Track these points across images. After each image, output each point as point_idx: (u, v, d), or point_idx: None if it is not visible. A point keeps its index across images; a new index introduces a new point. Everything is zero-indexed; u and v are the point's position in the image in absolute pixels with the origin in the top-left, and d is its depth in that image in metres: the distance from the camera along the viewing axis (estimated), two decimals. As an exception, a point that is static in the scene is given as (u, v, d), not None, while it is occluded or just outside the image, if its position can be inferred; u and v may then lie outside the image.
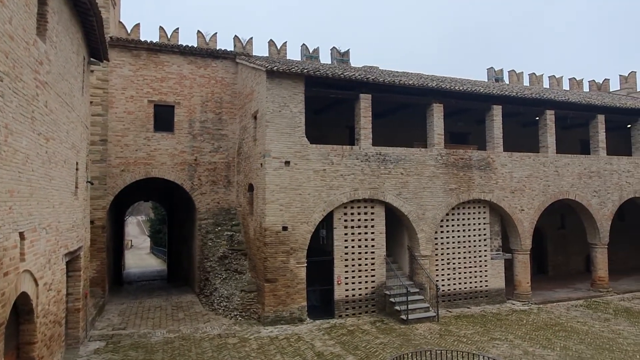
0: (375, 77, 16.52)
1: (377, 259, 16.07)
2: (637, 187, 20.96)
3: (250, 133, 16.81)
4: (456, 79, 22.89)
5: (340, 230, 15.73)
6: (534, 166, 18.74)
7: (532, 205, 18.56)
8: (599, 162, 20.17)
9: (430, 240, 16.81)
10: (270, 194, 14.66)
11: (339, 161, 15.63)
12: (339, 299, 15.54)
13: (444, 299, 17.05)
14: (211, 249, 17.08)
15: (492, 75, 28.32)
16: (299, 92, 15.29)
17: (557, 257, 24.72)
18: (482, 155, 17.91)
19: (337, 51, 23.67)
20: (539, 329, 14.44)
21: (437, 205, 16.87)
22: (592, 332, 14.20)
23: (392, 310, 15.43)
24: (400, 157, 16.50)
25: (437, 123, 17.23)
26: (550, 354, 12.15)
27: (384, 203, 16.29)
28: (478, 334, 13.86)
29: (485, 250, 17.97)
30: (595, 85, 33.15)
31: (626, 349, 12.59)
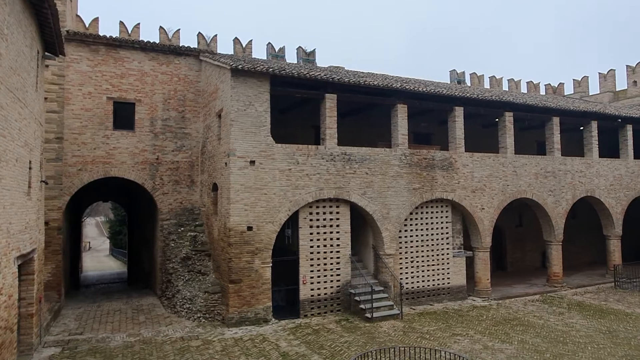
0: (341, 77, 16.59)
1: (342, 258, 16.16)
2: (588, 187, 21.98)
3: (214, 132, 16.54)
4: (420, 81, 23.31)
5: (305, 229, 15.71)
6: (493, 166, 19.32)
7: (492, 204, 19.14)
8: (554, 162, 21.03)
9: (395, 239, 17.05)
10: (235, 194, 14.47)
11: (305, 161, 15.61)
12: (304, 298, 15.52)
13: (407, 296, 17.33)
14: (174, 250, 16.70)
15: (454, 78, 29.04)
16: (264, 91, 15.16)
17: (515, 254, 25.62)
18: (444, 156, 18.31)
19: (303, 51, 23.66)
20: (498, 324, 14.90)
21: (401, 204, 17.13)
22: (547, 325, 14.78)
23: (357, 308, 15.55)
24: (365, 156, 16.64)
25: (401, 123, 17.49)
26: (508, 347, 12.56)
27: (349, 202, 16.39)
28: (440, 330, 14.17)
29: (448, 248, 18.40)
30: (551, 88, 34.55)
31: (578, 341, 13.17)
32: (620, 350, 12.30)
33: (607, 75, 33.39)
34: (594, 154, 22.33)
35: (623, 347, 12.56)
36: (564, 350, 12.38)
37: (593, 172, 22.21)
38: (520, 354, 12.01)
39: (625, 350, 12.35)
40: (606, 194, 22.49)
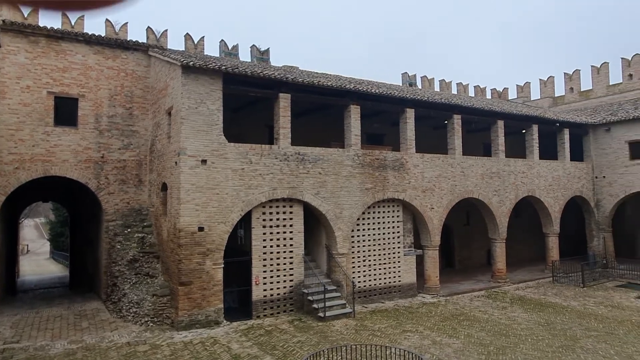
0: (295, 77, 16.56)
1: (295, 258, 16.14)
2: (530, 187, 23.16)
3: (164, 130, 16.05)
4: (373, 82, 23.69)
5: (258, 229, 15.56)
6: (443, 167, 19.95)
7: (441, 203, 19.75)
8: (499, 163, 22.00)
9: (347, 239, 17.22)
10: (185, 194, 14.10)
11: (258, 160, 15.46)
12: (257, 299, 15.36)
13: (360, 295, 17.57)
14: (120, 252, 16.04)
15: (406, 80, 29.76)
16: (216, 89, 14.87)
17: (463, 251, 26.58)
18: (396, 156, 18.70)
19: (257, 49, 23.44)
20: (446, 320, 15.39)
21: (353, 204, 17.33)
22: (491, 319, 15.43)
23: (310, 308, 15.58)
24: (319, 157, 16.71)
25: (354, 124, 17.69)
26: (455, 342, 13.00)
27: (303, 202, 16.40)
28: (391, 327, 14.45)
29: (399, 247, 18.81)
30: (496, 93, 36.14)
31: (520, 333, 13.84)
32: (557, 341, 13.03)
33: (547, 81, 35.34)
34: (535, 156, 23.56)
35: (559, 338, 13.31)
36: (506, 342, 12.96)
37: (534, 173, 23.43)
38: (466, 348, 12.46)
39: (561, 341, 13.09)
40: (545, 194, 23.79)
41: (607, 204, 25.84)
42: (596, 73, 31.85)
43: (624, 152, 25.06)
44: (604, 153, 25.98)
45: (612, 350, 12.23)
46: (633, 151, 24.77)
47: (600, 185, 26.12)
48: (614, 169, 25.48)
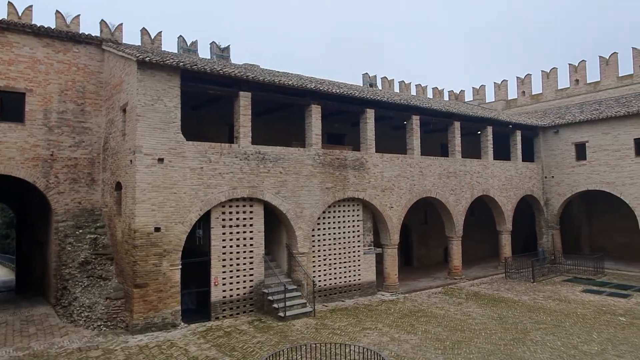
0: (256, 76, 16.40)
1: (255, 257, 15.99)
2: (484, 186, 23.98)
3: (118, 127, 15.50)
4: (334, 82, 23.82)
5: (218, 229, 15.31)
6: (402, 167, 20.32)
7: (400, 202, 20.11)
8: (455, 163, 22.64)
9: (308, 238, 17.24)
10: (141, 193, 13.68)
11: (218, 159, 15.21)
12: (215, 300, 15.11)
13: (320, 294, 17.63)
14: (70, 255, 15.36)
15: (367, 81, 30.10)
16: (174, 85, 14.51)
17: (421, 249, 27.19)
18: (356, 156, 18.88)
19: (217, 46, 23.06)
20: (404, 316, 15.69)
21: (314, 203, 17.36)
22: (448, 315, 15.85)
23: (270, 308, 15.49)
24: (280, 156, 16.62)
25: (315, 124, 17.72)
26: (413, 338, 13.28)
27: (263, 202, 16.27)
28: (351, 325, 14.58)
29: (359, 245, 19.01)
30: (453, 95, 37.18)
31: (474, 328, 14.30)
32: (509, 335, 13.56)
33: (500, 85, 36.70)
34: (489, 157, 24.41)
35: (511, 332, 13.85)
36: (461, 337, 13.35)
37: (488, 173, 24.28)
38: (424, 344, 12.75)
39: (513, 334, 13.63)
40: (499, 193, 24.70)
41: (555, 202, 27.13)
42: (546, 78, 33.37)
43: (571, 153, 26.39)
44: (552, 154, 27.25)
45: (559, 342, 12.85)
46: (579, 152, 26.13)
47: (549, 185, 27.39)
48: (562, 169, 26.78)
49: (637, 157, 23.73)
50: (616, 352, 11.96)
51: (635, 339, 13.06)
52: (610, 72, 29.90)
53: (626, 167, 24.10)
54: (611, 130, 24.70)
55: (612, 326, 14.33)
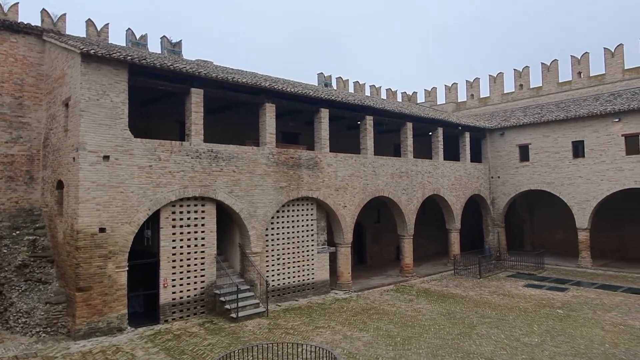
0: (208, 72, 16.06)
1: (207, 258, 15.66)
2: (435, 186, 24.69)
3: (60, 122, 14.72)
4: (289, 81, 23.74)
5: (167, 230, 14.87)
6: (355, 166, 20.54)
7: (353, 202, 20.32)
8: (407, 163, 23.16)
9: (261, 237, 17.08)
10: (84, 192, 13.04)
11: (168, 157, 14.76)
12: (165, 302, 14.67)
13: (274, 293, 17.53)
14: (6, 257, 14.41)
15: (322, 81, 30.22)
16: (121, 80, 13.94)
17: (374, 248, 27.63)
18: (310, 155, 18.90)
19: (168, 41, 22.40)
20: (357, 314, 15.87)
21: (268, 202, 17.22)
22: (399, 312, 16.19)
23: (222, 309, 15.22)
24: (233, 154, 16.37)
25: (269, 122, 17.58)
26: (365, 335, 13.45)
27: (216, 201, 15.96)
28: (304, 324, 14.59)
29: (313, 244, 19.05)
30: (406, 96, 38.02)
31: (424, 324, 14.68)
32: (457, 329, 14.02)
33: (451, 88, 37.93)
34: (440, 157, 25.15)
35: (459, 326, 14.33)
36: (412, 333, 13.67)
37: (439, 172, 25.01)
38: (375, 340, 12.95)
39: (460, 328, 14.11)
40: (449, 193, 25.51)
41: (500, 201, 28.35)
42: (493, 82, 34.81)
43: (515, 154, 27.67)
44: (498, 155, 28.47)
45: (503, 335, 13.42)
46: (522, 154, 27.46)
47: (495, 185, 28.59)
48: (507, 169, 28.04)
49: (575, 159, 25.22)
50: (554, 343, 12.64)
51: (571, 330, 13.86)
52: (551, 78, 31.59)
53: (565, 168, 25.55)
54: (552, 133, 26.10)
55: (551, 318, 15.14)
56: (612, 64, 28.87)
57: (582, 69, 30.11)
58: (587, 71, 29.96)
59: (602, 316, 15.35)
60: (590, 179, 24.53)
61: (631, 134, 23.22)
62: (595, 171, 24.38)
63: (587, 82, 29.82)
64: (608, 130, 23.95)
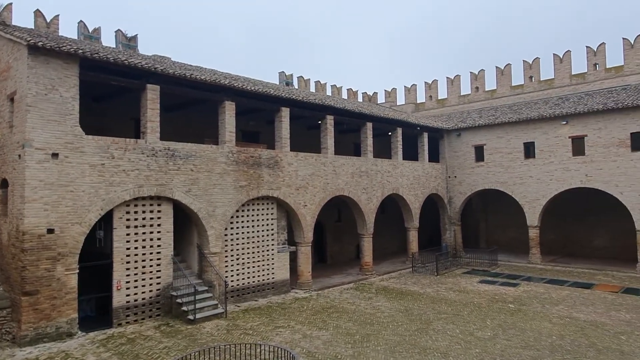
0: (165, 68, 15.64)
1: (163, 259, 15.26)
2: (394, 185, 25.11)
3: (5, 118, 13.95)
4: (249, 79, 23.48)
5: (121, 230, 14.38)
6: (316, 165, 20.59)
7: (314, 201, 20.36)
8: (367, 163, 23.44)
9: (220, 237, 16.83)
10: (31, 191, 12.41)
11: (122, 155, 14.27)
12: (118, 305, 14.19)
13: (233, 294, 17.32)
14: (-56, 261, 13.52)
15: (283, 79, 30.07)
16: (72, 74, 13.36)
17: (334, 247, 27.80)
18: (271, 154, 18.78)
19: (123, 35, 21.64)
20: (317, 313, 15.92)
21: (227, 202, 16.98)
22: (358, 310, 16.35)
23: (179, 311, 14.88)
24: (191, 153, 16.03)
25: (229, 121, 17.33)
26: (324, 334, 13.50)
27: (172, 200, 15.58)
28: (264, 325, 14.48)
29: (273, 244, 18.94)
30: (367, 96, 38.46)
31: (383, 321, 14.90)
32: (414, 325, 14.32)
33: (410, 89, 38.68)
34: (399, 157, 25.61)
35: (416, 323, 14.64)
36: (370, 330, 13.84)
37: (398, 172, 25.46)
38: (335, 339, 13.02)
39: (417, 325, 14.41)
40: (407, 192, 26.02)
41: (457, 200, 29.19)
42: (450, 84, 35.77)
43: (471, 155, 28.57)
44: (455, 155, 29.30)
45: (458, 330, 13.82)
46: (478, 154, 28.38)
47: (452, 184, 29.41)
48: (463, 169, 28.90)
49: (526, 160, 26.30)
50: (505, 337, 13.13)
51: (521, 323, 14.44)
52: (504, 82, 32.81)
53: (517, 168, 26.61)
54: (505, 135, 27.12)
55: (503, 313, 15.73)
56: (560, 69, 30.31)
57: (533, 74, 31.45)
58: (537, 75, 31.32)
59: (550, 309, 16.08)
60: (540, 178, 25.66)
61: (577, 136, 24.46)
62: (544, 171, 25.52)
63: (537, 86, 31.18)
64: (556, 132, 25.13)
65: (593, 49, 29.01)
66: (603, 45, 28.75)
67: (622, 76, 27.74)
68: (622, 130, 22.98)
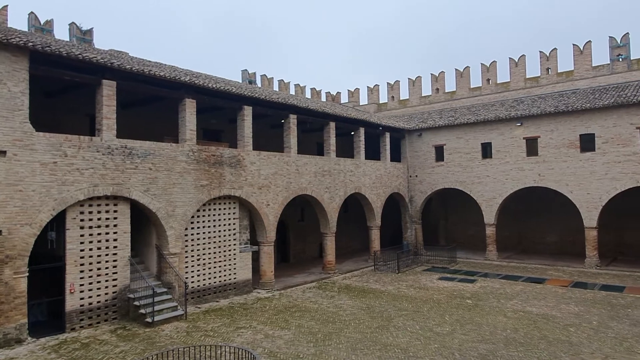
0: (122, 64, 15.14)
1: (120, 260, 14.79)
2: (357, 184, 25.35)
3: (-54, 113, 13.10)
4: (211, 77, 23.09)
5: (75, 231, 13.83)
6: (279, 165, 20.50)
7: (276, 200, 20.27)
8: (330, 162, 23.55)
9: (180, 238, 16.48)
10: (-25, 191, 11.73)
11: (75, 153, 13.72)
12: (72, 309, 13.64)
13: (193, 295, 17.01)
14: None
15: (246, 78, 29.82)
16: (21, 68, 12.72)
17: (298, 246, 27.79)
18: (233, 153, 18.55)
19: (78, 28, 20.84)
20: (279, 313, 15.86)
21: (188, 201, 16.64)
22: (321, 309, 16.41)
23: (137, 314, 14.47)
24: (149, 151, 15.60)
25: (189, 118, 16.99)
26: (287, 333, 13.47)
27: (130, 200, 15.12)
28: (225, 326, 14.30)
29: (235, 244, 18.73)
30: (330, 96, 38.66)
31: (345, 319, 15.01)
32: (375, 323, 14.50)
33: (373, 89, 39.15)
34: (361, 156, 25.87)
35: (377, 320, 14.84)
36: (333, 329, 13.92)
37: (360, 171, 25.72)
38: (297, 338, 13.01)
39: (379, 322, 14.61)
40: (370, 191, 26.33)
41: (418, 199, 29.80)
42: (412, 85, 36.45)
43: (432, 154, 29.22)
44: (416, 155, 29.89)
45: (418, 326, 14.11)
46: (438, 154, 29.06)
47: (413, 183, 29.99)
48: (424, 169, 29.53)
49: (484, 160, 27.16)
50: (463, 331, 13.51)
51: (478, 318, 14.90)
52: (463, 84, 33.75)
53: (475, 168, 27.43)
54: (464, 135, 27.90)
55: (461, 308, 16.18)
56: (516, 72, 31.47)
57: (491, 76, 32.52)
58: (495, 78, 32.40)
59: (505, 304, 16.68)
60: (497, 178, 26.56)
61: (531, 137, 25.48)
62: (501, 171, 26.43)
63: (494, 89, 32.26)
64: (512, 133, 26.08)
65: (546, 54, 30.30)
66: (555, 50, 30.07)
67: (572, 80, 29.12)
68: (572, 132, 24.11)
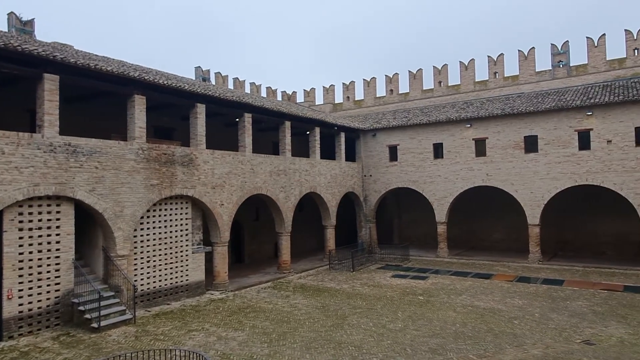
0: (66, 57, 14.39)
1: (63, 264, 14.06)
2: (312, 184, 25.41)
3: None
4: (162, 73, 22.42)
5: (13, 233, 13.01)
6: (233, 164, 20.20)
7: (231, 200, 19.96)
8: (286, 162, 23.47)
9: (129, 239, 15.88)
10: None
11: (13, 151, 12.91)
12: (10, 316, 12.81)
13: (143, 298, 16.45)
14: None
15: (199, 75, 29.20)
16: (-49, 58, 11.84)
17: (252, 246, 27.51)
18: (185, 152, 18.09)
19: (17, 18, 19.64)
20: (233, 314, 15.62)
21: (137, 201, 16.07)
22: (276, 309, 16.32)
23: (82, 319, 13.82)
24: (95, 149, 14.93)
25: (138, 116, 16.40)
26: (240, 334, 13.29)
27: (74, 200, 14.41)
28: (176, 329, 13.92)
29: (187, 245, 18.27)
30: (286, 95, 38.55)
31: (299, 318, 15.00)
32: (330, 321, 14.58)
33: (329, 89, 39.39)
34: (316, 156, 25.95)
35: (332, 318, 14.93)
36: (287, 328, 13.87)
37: (316, 171, 25.80)
38: (251, 339, 12.86)
39: (333, 320, 14.70)
40: (325, 190, 26.46)
41: (372, 198, 30.25)
42: (367, 86, 36.98)
43: (386, 154, 29.75)
44: (371, 155, 30.33)
45: (371, 323, 14.31)
46: (392, 154, 29.62)
47: (367, 183, 30.41)
48: (378, 168, 30.01)
49: (435, 160, 27.94)
50: (415, 327, 13.84)
51: (429, 314, 15.31)
52: (416, 86, 34.61)
53: (427, 168, 28.18)
54: (417, 136, 28.59)
55: (414, 305, 16.57)
56: (465, 76, 32.61)
57: (442, 79, 33.55)
58: (446, 81, 33.45)
59: (454, 299, 17.24)
60: (448, 177, 27.41)
61: (479, 138, 26.47)
62: (451, 171, 27.29)
63: (446, 91, 33.29)
64: (462, 134, 26.99)
65: (494, 59, 31.59)
66: (502, 55, 31.41)
67: (517, 84, 30.52)
68: (517, 133, 25.26)
